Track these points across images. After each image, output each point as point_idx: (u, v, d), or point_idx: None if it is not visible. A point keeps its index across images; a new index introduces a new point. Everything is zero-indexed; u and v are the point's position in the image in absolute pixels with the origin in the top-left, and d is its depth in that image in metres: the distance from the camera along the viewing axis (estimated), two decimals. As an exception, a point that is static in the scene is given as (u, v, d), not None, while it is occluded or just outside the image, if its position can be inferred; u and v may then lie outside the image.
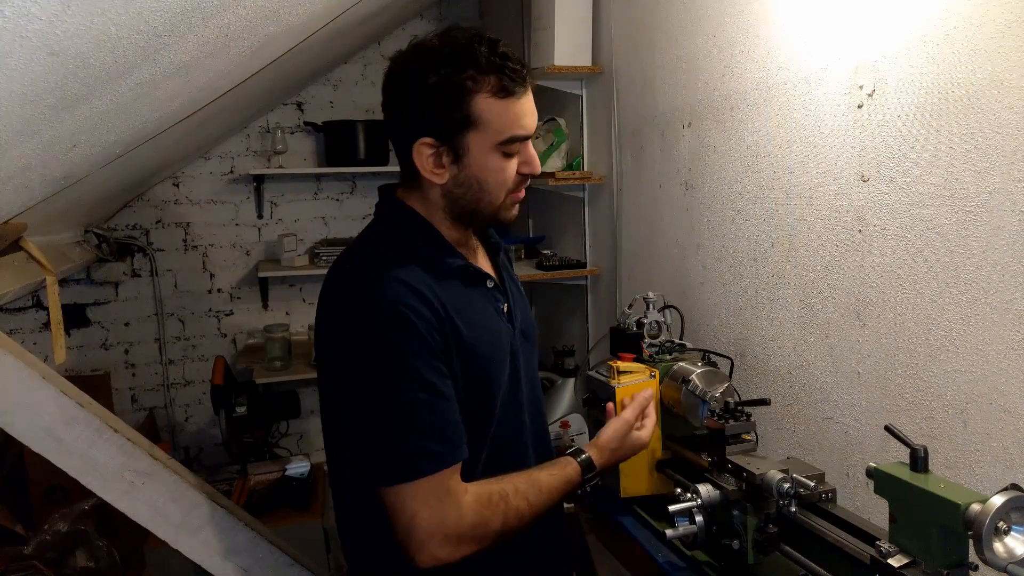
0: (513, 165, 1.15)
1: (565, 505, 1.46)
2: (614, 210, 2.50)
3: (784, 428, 1.69)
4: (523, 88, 1.11)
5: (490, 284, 1.23)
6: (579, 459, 1.22)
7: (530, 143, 1.17)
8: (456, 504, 1.06)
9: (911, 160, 1.31)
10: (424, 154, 1.13)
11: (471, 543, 1.08)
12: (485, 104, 1.09)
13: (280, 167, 3.50)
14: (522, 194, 1.20)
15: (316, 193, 3.68)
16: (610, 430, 1.28)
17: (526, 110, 1.13)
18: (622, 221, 2.47)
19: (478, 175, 1.13)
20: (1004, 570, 0.89)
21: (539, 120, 2.78)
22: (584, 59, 2.54)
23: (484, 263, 1.28)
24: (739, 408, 1.41)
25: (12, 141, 1.14)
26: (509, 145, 1.12)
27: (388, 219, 1.22)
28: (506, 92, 1.09)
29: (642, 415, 1.34)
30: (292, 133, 3.59)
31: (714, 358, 1.71)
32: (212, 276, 3.56)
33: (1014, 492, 0.90)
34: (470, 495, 1.08)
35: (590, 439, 1.35)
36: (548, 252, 2.95)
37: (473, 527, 1.07)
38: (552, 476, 1.18)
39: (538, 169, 1.18)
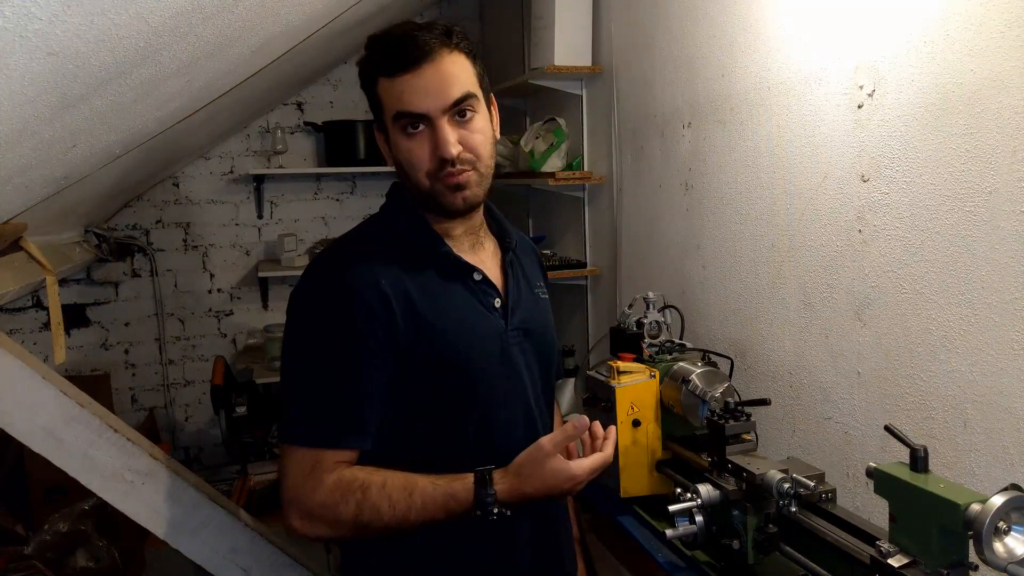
0: (420, 146, 1.12)
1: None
2: (614, 210, 2.50)
3: (784, 428, 1.69)
4: (412, 63, 1.10)
5: (477, 277, 1.21)
6: (477, 473, 1.08)
7: (443, 128, 1.10)
8: (315, 481, 1.07)
9: (911, 160, 1.31)
10: (381, 141, 1.20)
11: (323, 525, 1.08)
12: (382, 86, 1.13)
13: (280, 167, 3.50)
14: (454, 180, 1.13)
15: (316, 193, 3.68)
16: (524, 452, 1.10)
17: (413, 87, 1.10)
18: (622, 221, 2.47)
19: (397, 155, 1.17)
20: (1004, 570, 0.89)
21: (539, 120, 2.81)
22: (584, 59, 2.54)
23: (485, 258, 1.27)
24: (739, 408, 1.41)
25: (12, 141, 1.14)
26: (401, 122, 1.12)
27: (386, 205, 1.27)
28: (393, 70, 1.11)
29: (594, 444, 1.15)
30: (292, 133, 3.59)
31: (714, 358, 1.71)
32: (212, 276, 3.56)
33: (1014, 492, 0.90)
34: (333, 476, 1.08)
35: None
36: (548, 252, 2.95)
37: (321, 507, 1.07)
38: (433, 484, 1.07)
39: (448, 153, 1.10)
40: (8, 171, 1.28)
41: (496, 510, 1.06)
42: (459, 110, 1.12)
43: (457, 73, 1.12)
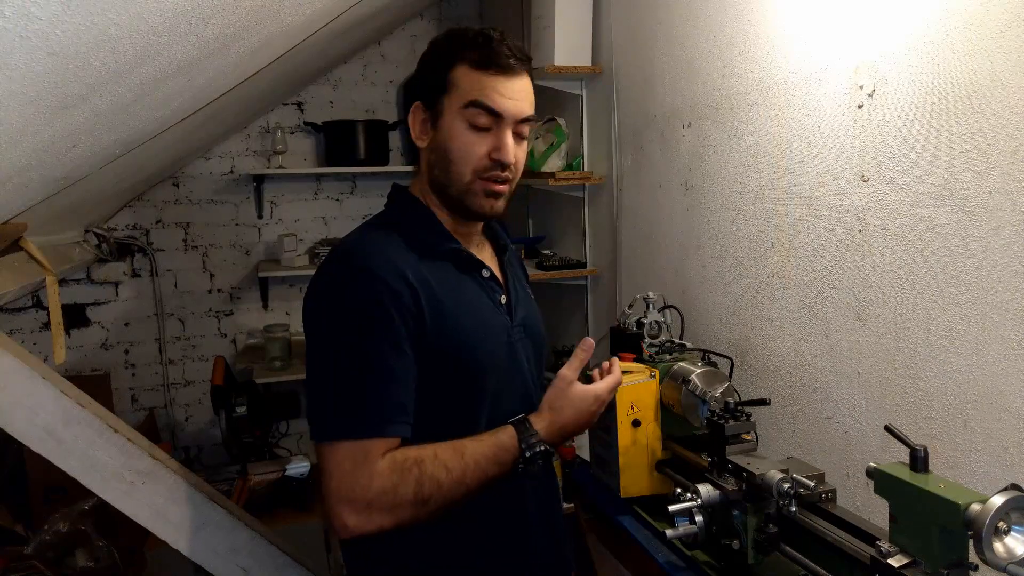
0: (480, 142, 1.16)
1: (565, 505, 1.46)
2: (614, 210, 2.50)
3: (784, 428, 1.69)
4: (504, 68, 1.15)
5: (486, 274, 1.24)
6: (514, 421, 1.15)
7: (508, 134, 1.16)
8: (369, 471, 1.04)
9: (911, 160, 1.31)
10: (416, 118, 1.21)
11: (382, 513, 1.05)
12: (462, 72, 1.16)
13: (280, 167, 3.50)
14: (497, 187, 1.18)
15: (316, 193, 3.68)
16: (549, 389, 1.19)
17: (503, 89, 1.15)
18: (622, 221, 2.47)
19: (445, 140, 1.17)
20: (1004, 570, 0.89)
21: (539, 120, 2.80)
22: (584, 59, 2.54)
23: (486, 257, 1.29)
24: (739, 408, 1.41)
25: (12, 141, 1.14)
26: (475, 114, 1.15)
27: (389, 203, 1.28)
28: (483, 65, 1.15)
29: (603, 371, 1.26)
30: (292, 133, 3.59)
31: (714, 358, 1.71)
32: (212, 276, 3.56)
33: (1014, 492, 0.90)
34: (385, 461, 1.06)
35: (589, 439, 1.34)
36: (548, 252, 2.95)
37: (382, 494, 1.04)
38: (479, 442, 1.11)
39: (508, 157, 1.16)
40: (8, 171, 1.28)
41: (540, 448, 1.12)
42: (519, 129, 1.18)
43: (531, 94, 1.20)
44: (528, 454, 1.11)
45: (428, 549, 1.17)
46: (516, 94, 1.16)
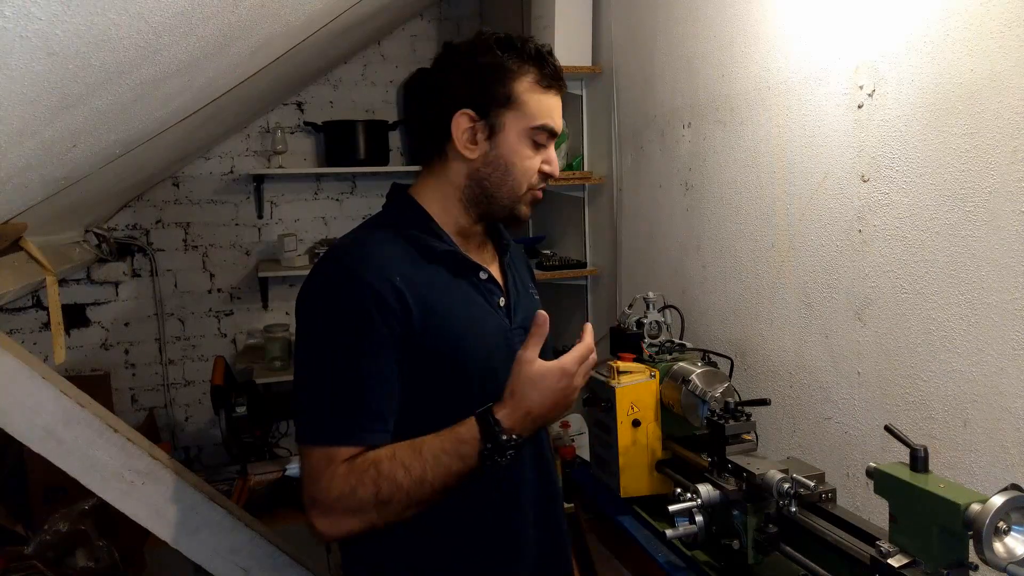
0: (538, 159, 1.21)
1: (565, 505, 1.46)
2: (614, 210, 2.50)
3: (784, 428, 1.69)
4: (557, 88, 1.21)
5: (483, 276, 1.23)
6: (476, 412, 1.09)
7: (553, 147, 1.23)
8: (330, 475, 1.05)
9: (911, 160, 1.31)
10: (462, 125, 1.18)
11: (345, 516, 1.06)
12: (526, 88, 1.17)
13: (280, 167, 3.50)
14: (540, 195, 1.24)
15: (316, 193, 3.68)
16: (510, 375, 1.10)
17: (557, 108, 1.21)
18: (622, 221, 2.47)
19: (508, 156, 1.19)
20: (1004, 570, 0.89)
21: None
22: (584, 59, 2.54)
23: (486, 259, 1.28)
24: (739, 408, 1.41)
25: (12, 141, 1.14)
26: (539, 134, 1.19)
27: (388, 205, 1.28)
28: (545, 85, 1.18)
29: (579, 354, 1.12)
30: (292, 133, 3.59)
31: (714, 358, 1.71)
32: (212, 276, 3.56)
33: (1014, 492, 0.90)
34: (343, 465, 1.06)
35: (590, 439, 1.34)
36: (548, 252, 2.95)
37: (340, 498, 1.05)
38: (438, 437, 1.07)
39: (557, 172, 1.23)
40: (8, 171, 1.28)
41: (504, 438, 1.05)
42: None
43: None
44: (490, 445, 1.05)
45: (420, 552, 1.17)
46: (560, 111, 1.23)
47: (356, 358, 1.09)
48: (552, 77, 1.19)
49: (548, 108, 1.19)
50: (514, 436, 1.07)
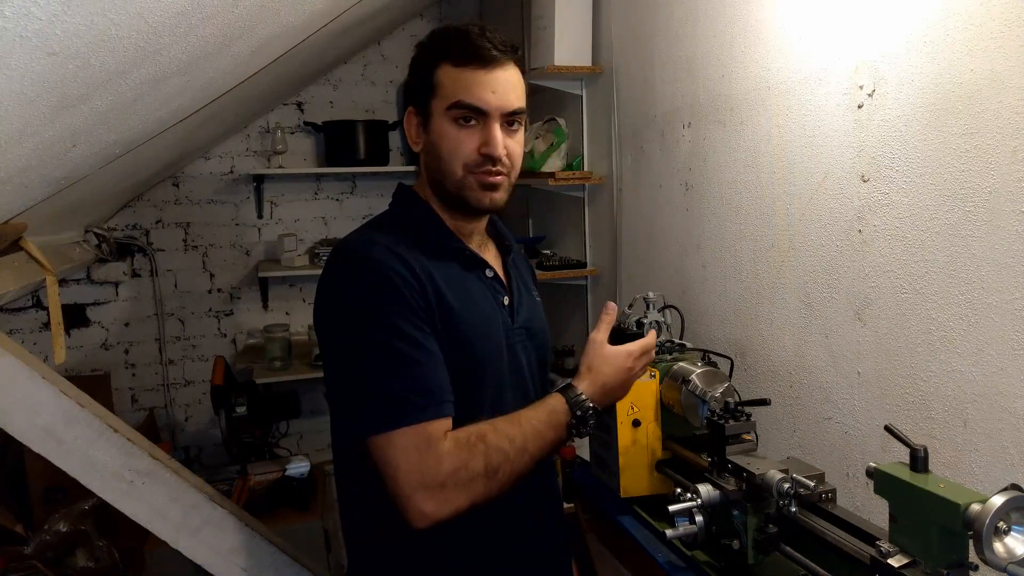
0: (468, 137, 1.16)
1: (565, 505, 1.46)
2: (614, 210, 2.50)
3: (784, 428, 1.69)
4: (485, 61, 1.14)
5: (489, 273, 1.24)
6: (557, 388, 1.18)
7: (495, 128, 1.15)
8: (436, 453, 1.03)
9: (911, 160, 1.31)
10: (411, 123, 1.23)
11: (457, 492, 1.03)
12: (444, 71, 1.16)
13: (280, 167, 3.50)
14: (490, 179, 1.17)
15: (316, 193, 3.68)
16: (584, 353, 1.23)
17: (486, 84, 1.14)
18: (622, 221, 2.47)
19: (436, 140, 1.18)
20: (1004, 570, 0.89)
21: (539, 120, 2.81)
22: (584, 59, 2.54)
23: (490, 258, 1.29)
24: (739, 408, 1.40)
25: (12, 141, 1.14)
26: (457, 111, 1.15)
27: (394, 203, 1.28)
28: (463, 61, 1.14)
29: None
30: (292, 133, 3.59)
31: (714, 358, 1.71)
32: (212, 276, 3.56)
33: (1014, 492, 0.90)
34: (449, 441, 1.05)
35: (589, 439, 1.33)
36: (548, 252, 2.95)
37: (454, 472, 1.03)
38: (532, 409, 1.13)
39: (496, 151, 1.15)
40: (8, 171, 1.28)
41: (591, 406, 1.15)
42: (510, 120, 1.18)
43: (518, 85, 1.19)
44: (579, 413, 1.14)
45: (420, 553, 1.16)
46: (500, 86, 1.14)
47: (410, 335, 1.07)
48: (469, 53, 1.14)
49: (465, 84, 1.14)
50: (595, 406, 1.16)
